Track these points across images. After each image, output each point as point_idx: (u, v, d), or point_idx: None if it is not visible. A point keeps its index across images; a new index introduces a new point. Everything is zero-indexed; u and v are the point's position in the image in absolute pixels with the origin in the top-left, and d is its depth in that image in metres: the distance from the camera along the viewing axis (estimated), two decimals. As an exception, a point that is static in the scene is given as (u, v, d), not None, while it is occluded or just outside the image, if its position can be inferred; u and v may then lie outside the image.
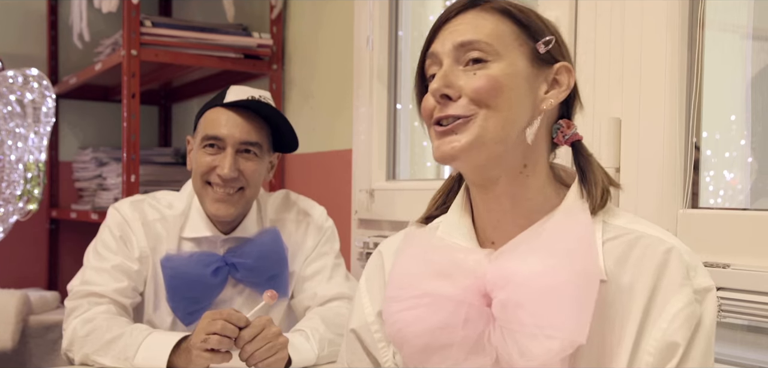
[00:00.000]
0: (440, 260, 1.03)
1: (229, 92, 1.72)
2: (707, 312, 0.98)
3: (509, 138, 1.01)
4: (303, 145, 2.74)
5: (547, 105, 1.04)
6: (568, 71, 1.06)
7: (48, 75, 3.21)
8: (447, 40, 1.04)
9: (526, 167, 1.04)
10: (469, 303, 1.00)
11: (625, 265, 1.00)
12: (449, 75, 1.02)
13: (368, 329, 1.15)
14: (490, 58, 1.01)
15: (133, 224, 1.72)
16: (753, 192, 1.56)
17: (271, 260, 1.73)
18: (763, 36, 1.56)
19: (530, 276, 0.96)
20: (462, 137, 1.00)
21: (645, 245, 1.00)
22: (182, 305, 1.68)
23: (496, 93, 1.00)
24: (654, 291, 0.98)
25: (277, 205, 1.84)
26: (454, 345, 1.00)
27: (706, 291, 0.99)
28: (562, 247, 0.97)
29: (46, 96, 2.32)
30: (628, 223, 1.04)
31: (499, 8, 1.05)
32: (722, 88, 1.58)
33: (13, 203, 2.30)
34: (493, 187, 1.04)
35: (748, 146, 1.57)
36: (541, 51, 1.04)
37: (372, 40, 2.28)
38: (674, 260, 0.98)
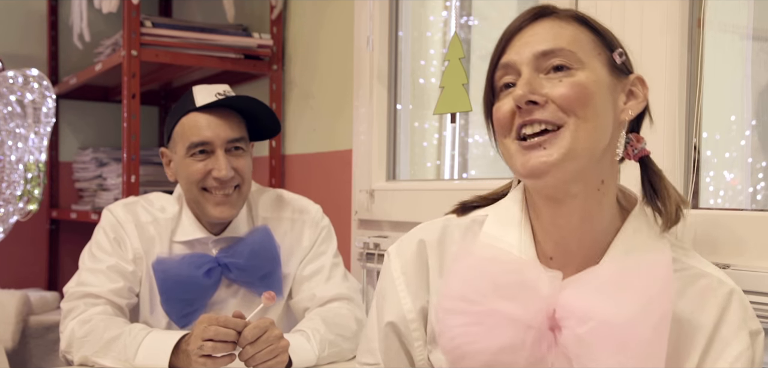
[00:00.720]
0: (505, 277, 1.00)
1: (196, 94, 1.69)
2: (758, 354, 1.01)
3: (597, 150, 0.99)
4: (303, 145, 2.75)
5: (626, 116, 1.02)
6: (643, 83, 1.05)
7: (48, 75, 3.21)
8: (524, 49, 1.01)
9: (603, 183, 1.01)
10: (535, 327, 0.97)
11: (684, 300, 1.00)
12: (533, 81, 0.99)
13: (407, 325, 1.12)
14: (575, 66, 0.99)
15: (127, 226, 1.72)
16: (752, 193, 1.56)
17: (263, 259, 1.72)
18: (764, 37, 1.56)
19: (610, 314, 0.94)
20: (553, 150, 0.96)
21: (707, 283, 1.01)
22: (176, 308, 1.68)
23: (585, 101, 0.97)
24: (715, 331, 0.99)
25: (270, 204, 1.82)
26: (515, 366, 0.98)
27: (757, 333, 1.01)
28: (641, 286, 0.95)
29: (47, 96, 2.32)
30: (686, 258, 1.04)
31: (574, 17, 1.04)
32: (722, 88, 1.58)
33: (13, 204, 2.30)
34: (569, 202, 1.01)
35: (749, 146, 1.57)
36: (618, 61, 1.02)
37: (372, 40, 2.27)
38: (735, 303, 1.00)
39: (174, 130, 1.70)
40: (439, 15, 2.40)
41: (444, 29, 2.39)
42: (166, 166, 1.76)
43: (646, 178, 1.08)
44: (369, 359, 1.17)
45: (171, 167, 1.75)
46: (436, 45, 2.40)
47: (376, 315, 1.17)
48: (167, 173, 1.76)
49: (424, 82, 2.38)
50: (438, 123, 2.39)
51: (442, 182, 2.29)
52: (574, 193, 1.00)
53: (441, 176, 2.40)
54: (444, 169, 2.41)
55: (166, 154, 1.76)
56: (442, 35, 2.39)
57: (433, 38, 2.40)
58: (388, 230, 2.22)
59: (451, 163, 2.38)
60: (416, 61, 2.36)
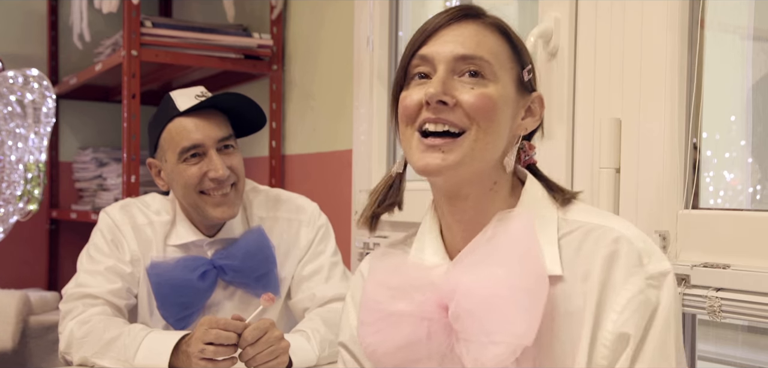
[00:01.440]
0: (400, 281, 1.05)
1: (176, 99, 1.68)
2: (664, 296, 0.97)
3: (491, 160, 1.03)
4: (303, 145, 2.75)
5: (522, 131, 1.07)
6: (541, 102, 1.09)
7: (48, 75, 3.21)
8: (446, 47, 1.03)
9: (495, 184, 1.06)
10: (430, 318, 1.01)
11: (578, 258, 1.00)
12: (447, 82, 1.02)
13: (355, 341, 1.17)
14: (489, 77, 1.02)
15: (124, 228, 1.72)
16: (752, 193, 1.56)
17: (258, 260, 1.71)
18: (764, 37, 1.56)
19: (476, 285, 0.98)
20: (450, 155, 1.01)
21: (596, 236, 1.00)
22: (173, 311, 1.67)
23: (490, 114, 1.01)
24: (605, 282, 0.98)
25: (265, 204, 1.81)
26: (423, 360, 1.02)
27: (662, 275, 0.98)
28: (506, 250, 0.99)
29: (47, 96, 2.32)
30: (583, 216, 1.04)
31: (498, 26, 1.07)
32: (722, 88, 1.58)
33: (13, 204, 2.30)
34: (463, 200, 1.06)
35: (749, 146, 1.57)
36: (526, 78, 1.06)
37: (372, 40, 2.27)
38: (624, 248, 0.98)
39: (161, 138, 1.68)
40: (439, 15, 2.40)
41: (444, 29, 2.38)
42: (156, 176, 1.74)
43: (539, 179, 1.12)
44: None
45: (162, 176, 1.73)
46: (436, 45, 2.39)
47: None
48: (158, 183, 1.74)
49: (424, 83, 2.38)
50: (438, 123, 2.39)
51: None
52: (466, 193, 1.05)
53: (441, 176, 2.40)
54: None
55: (155, 164, 1.74)
56: (442, 35, 2.39)
57: (433, 38, 2.40)
58: (388, 230, 2.22)
59: (451, 163, 2.38)
60: (416, 61, 2.36)
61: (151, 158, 1.74)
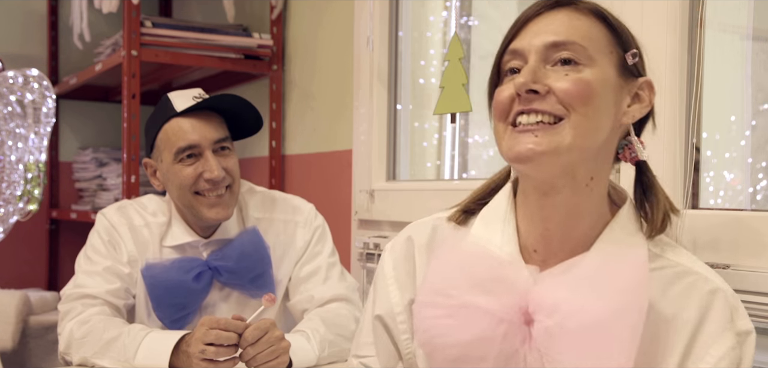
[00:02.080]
0: (480, 271, 1.00)
1: (174, 100, 1.67)
2: (746, 355, 0.98)
3: (590, 149, 0.97)
4: (303, 145, 2.75)
5: (628, 119, 1.01)
6: (651, 88, 1.03)
7: (48, 75, 3.21)
8: (536, 37, 0.99)
9: (592, 180, 1.00)
10: (508, 320, 0.97)
11: (667, 297, 0.99)
12: (537, 71, 0.97)
13: (394, 318, 1.13)
14: (583, 62, 0.97)
15: (121, 229, 1.72)
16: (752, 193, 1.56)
17: (253, 260, 1.71)
18: (764, 37, 1.56)
19: (580, 309, 0.93)
20: (543, 139, 0.95)
21: (691, 281, 0.99)
22: (167, 313, 1.67)
23: (587, 99, 0.95)
24: (698, 329, 0.97)
25: (261, 205, 1.81)
26: (487, 359, 0.98)
27: (746, 334, 0.99)
28: (615, 283, 0.94)
29: (47, 96, 2.32)
30: (673, 255, 1.02)
31: (593, 10, 1.01)
32: (722, 88, 1.58)
33: (13, 204, 2.30)
34: (555, 195, 1.00)
35: (749, 146, 1.57)
36: (630, 62, 1.01)
37: (372, 40, 2.27)
38: (720, 302, 0.98)
39: (157, 138, 1.68)
40: (439, 15, 2.40)
41: (444, 29, 2.39)
42: (152, 176, 1.74)
43: (639, 182, 1.07)
44: (364, 351, 1.18)
45: (157, 176, 1.73)
46: (436, 45, 2.40)
47: (370, 309, 1.18)
48: (153, 183, 1.74)
49: (424, 82, 2.38)
50: (438, 123, 2.39)
51: (442, 183, 2.29)
52: (560, 187, 0.99)
53: (441, 176, 2.40)
54: (444, 169, 2.41)
55: (150, 164, 1.74)
56: (442, 35, 2.39)
57: (433, 38, 2.40)
58: (388, 230, 2.22)
59: (451, 163, 2.39)
60: (416, 61, 2.36)
61: (148, 158, 1.74)
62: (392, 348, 1.14)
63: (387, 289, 1.14)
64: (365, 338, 1.18)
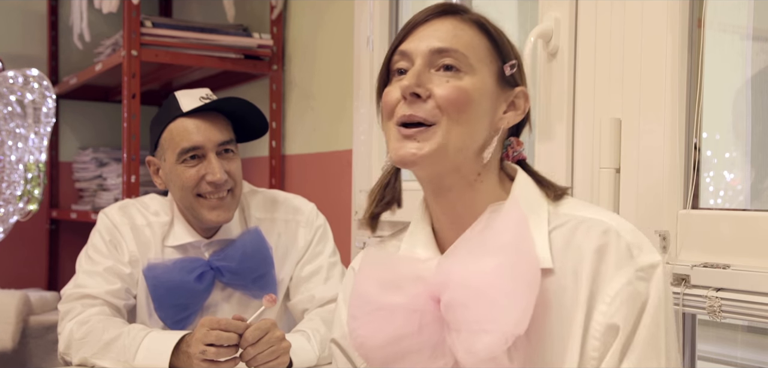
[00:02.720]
0: (391, 275, 1.06)
1: (181, 99, 1.68)
2: (654, 289, 0.97)
3: (467, 151, 1.04)
4: (303, 145, 2.75)
5: (504, 125, 1.07)
6: (526, 97, 1.10)
7: (48, 75, 3.21)
8: (423, 42, 1.06)
9: (478, 176, 1.06)
10: (421, 310, 1.02)
11: (568, 251, 1.01)
12: (422, 75, 1.04)
13: (346, 338, 1.17)
14: (464, 70, 1.04)
15: (122, 229, 1.72)
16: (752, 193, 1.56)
17: (256, 261, 1.71)
18: (763, 37, 1.56)
19: (468, 276, 0.99)
20: (424, 144, 1.02)
21: (585, 228, 1.01)
22: (169, 313, 1.67)
23: (463, 106, 1.02)
24: (595, 274, 0.98)
25: (263, 205, 1.81)
26: (413, 352, 1.03)
27: (651, 267, 0.98)
28: (498, 242, 1.00)
29: (47, 96, 2.32)
30: (573, 209, 1.05)
31: (476, 21, 1.08)
32: (722, 88, 1.58)
33: (13, 204, 2.30)
34: (446, 193, 1.07)
35: (749, 146, 1.57)
36: (507, 73, 1.07)
37: (372, 40, 2.27)
38: (613, 240, 0.98)
39: (161, 137, 1.68)
40: (439, 15, 2.40)
41: (444, 29, 2.38)
42: (154, 175, 1.74)
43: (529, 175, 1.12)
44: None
45: (160, 175, 1.73)
46: (436, 45, 2.39)
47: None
48: (156, 181, 1.75)
49: (424, 83, 2.38)
50: (438, 123, 2.39)
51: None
52: (448, 185, 1.06)
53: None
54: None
55: (154, 162, 1.74)
56: (442, 35, 2.39)
57: (433, 38, 2.40)
58: (388, 230, 2.22)
59: (451, 163, 2.38)
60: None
61: (151, 155, 1.74)
62: (350, 366, 1.21)
63: (340, 314, 1.21)
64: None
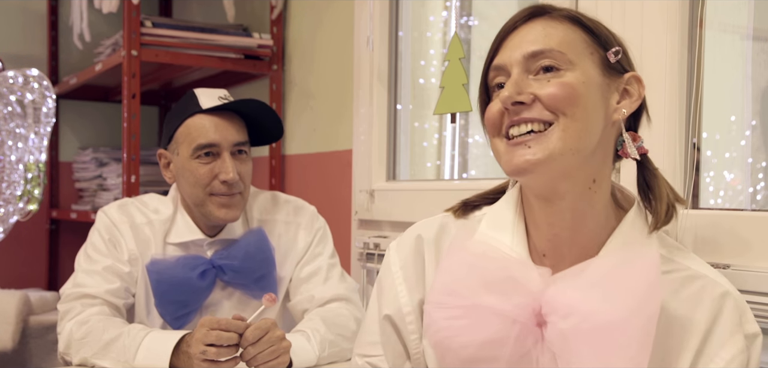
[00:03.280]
0: (493, 272, 1.01)
1: (200, 97, 1.69)
2: (753, 357, 1.00)
3: (585, 150, 0.99)
4: (303, 145, 2.75)
5: (619, 115, 1.02)
6: (639, 81, 1.05)
7: (48, 75, 3.21)
8: (516, 50, 1.02)
9: (594, 183, 1.02)
10: (520, 322, 0.98)
11: (678, 300, 1.00)
12: (520, 82, 1.00)
13: (403, 318, 1.13)
14: (564, 67, 0.99)
15: (122, 227, 1.72)
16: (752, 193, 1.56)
17: (258, 261, 1.71)
18: (764, 37, 1.56)
19: (594, 312, 0.94)
20: (537, 149, 0.97)
21: (701, 284, 1.01)
22: (170, 309, 1.67)
23: (572, 101, 0.97)
24: (709, 332, 0.99)
25: (264, 206, 1.82)
26: (499, 360, 0.99)
27: (754, 336, 1.01)
28: (627, 286, 0.95)
29: (47, 96, 2.32)
30: (683, 259, 1.04)
31: (567, 16, 1.04)
32: (722, 88, 1.58)
33: (13, 204, 2.30)
34: (559, 201, 1.02)
35: (749, 146, 1.57)
36: (612, 60, 1.02)
37: (372, 40, 2.27)
38: (730, 305, 1.00)
39: (177, 131, 1.69)
40: (439, 15, 2.40)
41: (444, 29, 2.39)
42: (164, 168, 1.75)
43: (642, 176, 1.08)
44: (370, 351, 1.18)
45: (171, 169, 1.74)
46: (436, 45, 2.40)
47: (377, 308, 1.18)
48: (165, 174, 1.75)
49: (424, 82, 2.38)
50: (438, 123, 2.39)
51: (442, 183, 2.29)
52: (562, 192, 1.01)
53: (441, 176, 2.40)
54: (444, 169, 2.41)
55: (166, 155, 1.74)
56: (442, 35, 2.39)
57: (433, 38, 2.40)
58: (388, 230, 2.22)
59: (451, 163, 2.38)
60: (416, 61, 2.36)
61: (164, 149, 1.75)
62: (400, 348, 1.15)
63: (395, 289, 1.15)
64: (371, 337, 1.18)
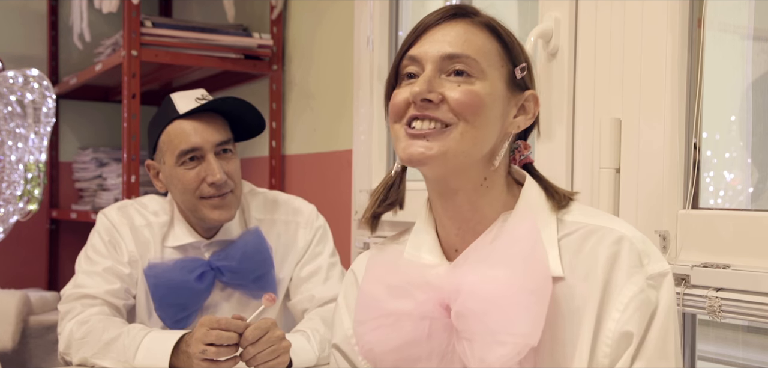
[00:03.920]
0: (399, 280, 1.06)
1: (176, 102, 1.68)
2: (663, 296, 0.99)
3: (476, 155, 1.03)
4: (303, 145, 2.75)
5: (514, 129, 1.07)
6: (536, 100, 1.09)
7: (48, 75, 3.21)
8: (433, 47, 1.05)
9: (485, 180, 1.06)
10: (430, 317, 1.02)
11: (579, 259, 1.01)
12: (433, 81, 1.03)
13: (349, 342, 1.18)
14: (475, 74, 1.03)
15: (121, 229, 1.72)
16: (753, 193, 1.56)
17: (256, 261, 1.71)
18: (764, 37, 1.56)
19: (481, 284, 0.99)
20: (434, 144, 1.01)
21: (597, 237, 1.01)
22: (169, 313, 1.67)
23: (476, 110, 1.01)
24: (607, 282, 0.99)
25: (263, 206, 1.82)
26: (422, 359, 1.03)
27: (661, 275, 0.99)
28: (511, 252, 1.00)
29: (47, 96, 2.32)
30: (583, 217, 1.05)
31: (487, 25, 1.07)
32: (722, 88, 1.58)
33: (13, 204, 2.30)
34: (453, 197, 1.06)
35: (749, 146, 1.57)
36: (518, 76, 1.06)
37: (372, 40, 2.27)
38: (625, 249, 0.99)
39: (159, 140, 1.68)
40: (439, 15, 2.40)
41: (444, 29, 2.38)
42: (154, 178, 1.75)
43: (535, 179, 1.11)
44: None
45: (160, 178, 1.73)
46: (436, 45, 2.39)
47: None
48: (156, 185, 1.75)
49: (424, 83, 2.37)
50: (438, 123, 2.39)
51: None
52: (455, 187, 1.05)
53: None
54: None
55: (153, 166, 1.74)
56: (442, 35, 2.39)
57: (433, 38, 2.40)
58: (388, 230, 2.22)
59: (451, 163, 2.38)
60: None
61: (150, 159, 1.74)
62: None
63: (340, 318, 1.20)
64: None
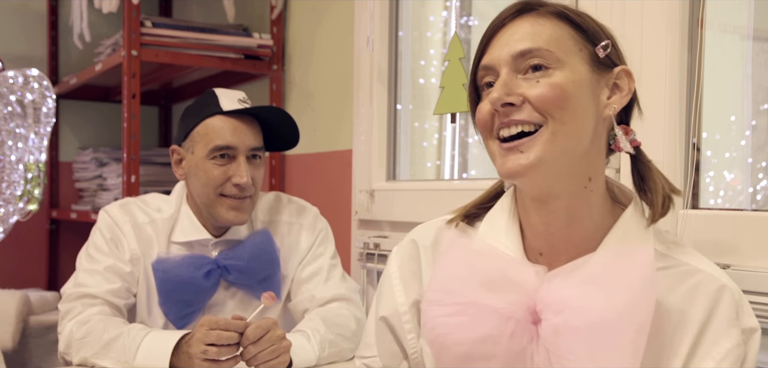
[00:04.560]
0: (489, 270, 1.01)
1: (221, 98, 1.69)
2: (751, 352, 0.99)
3: (577, 150, 0.98)
4: (303, 145, 2.75)
5: (610, 111, 1.01)
6: (628, 75, 1.03)
7: (48, 75, 3.21)
8: (503, 49, 1.00)
9: (590, 181, 1.01)
10: (516, 318, 0.98)
11: (674, 295, 1.00)
12: (509, 83, 0.98)
13: (399, 318, 1.14)
14: (553, 65, 0.98)
15: (124, 227, 1.72)
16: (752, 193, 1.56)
17: (263, 262, 1.72)
18: (764, 37, 1.56)
19: (587, 307, 0.94)
20: (530, 153, 0.96)
21: (698, 279, 1.00)
22: (174, 308, 1.67)
23: (562, 102, 0.96)
24: (705, 327, 0.98)
25: (268, 207, 1.83)
26: (494, 358, 0.99)
27: (752, 331, 1.00)
28: (622, 282, 0.95)
29: (47, 96, 2.32)
30: (680, 254, 1.03)
31: (555, 12, 1.02)
32: (722, 88, 1.58)
33: (13, 204, 2.30)
34: (554, 201, 1.01)
35: (749, 146, 1.57)
36: (601, 55, 1.01)
37: (372, 40, 2.27)
38: (726, 299, 0.99)
39: (195, 130, 1.69)
40: (439, 15, 2.40)
41: (444, 29, 2.39)
42: (176, 164, 1.75)
43: (636, 169, 1.07)
44: (366, 352, 1.20)
45: (182, 166, 1.73)
46: (436, 45, 2.40)
47: (374, 311, 1.20)
48: (176, 170, 1.75)
49: (424, 82, 2.38)
50: (438, 123, 2.39)
51: (442, 183, 2.29)
52: (557, 193, 1.00)
53: (441, 176, 2.40)
54: (444, 169, 2.41)
55: (179, 152, 1.74)
56: (442, 35, 2.39)
57: (433, 38, 2.40)
58: (388, 230, 2.22)
59: (451, 163, 2.38)
60: (416, 61, 2.36)
61: (178, 145, 1.74)
62: (396, 348, 1.15)
63: (392, 290, 1.15)
64: (367, 339, 1.20)
